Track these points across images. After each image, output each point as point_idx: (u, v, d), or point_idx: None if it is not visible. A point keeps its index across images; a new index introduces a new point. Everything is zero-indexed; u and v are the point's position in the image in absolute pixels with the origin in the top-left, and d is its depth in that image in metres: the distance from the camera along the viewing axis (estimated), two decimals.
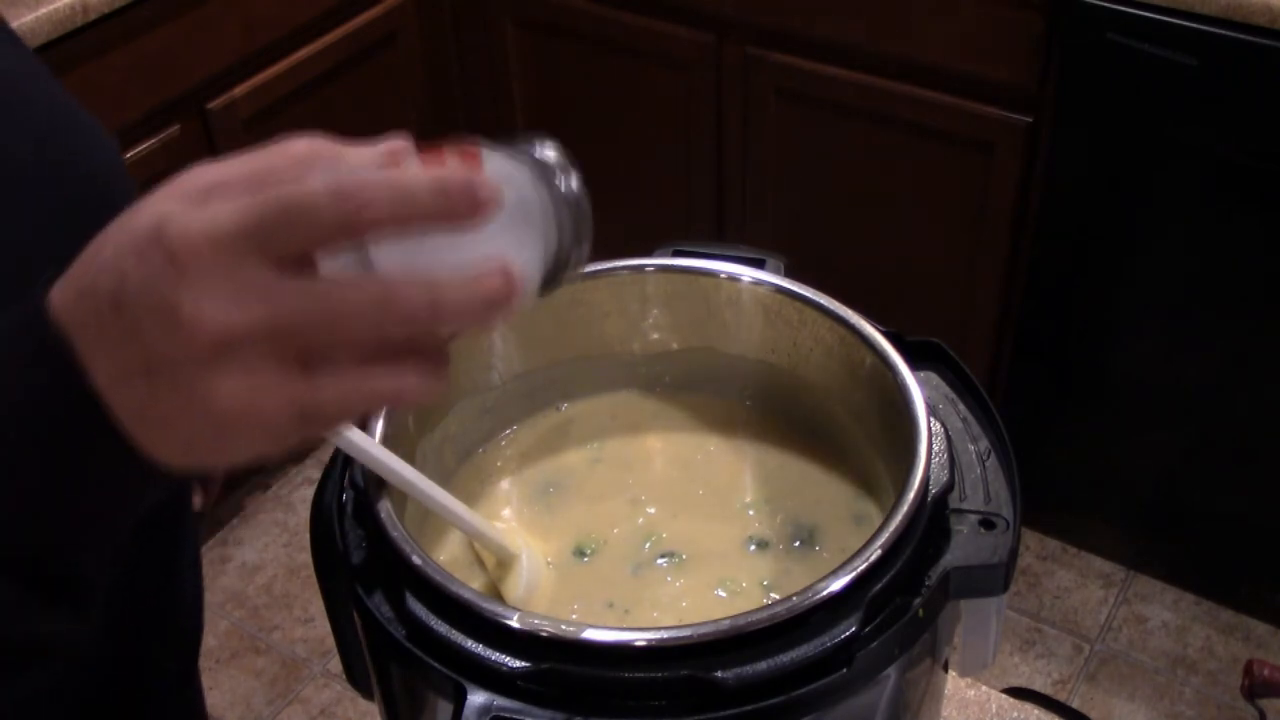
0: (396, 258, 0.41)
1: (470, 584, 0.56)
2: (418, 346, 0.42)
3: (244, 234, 0.38)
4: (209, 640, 2.04)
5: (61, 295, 0.41)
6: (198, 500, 0.76)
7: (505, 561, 0.65)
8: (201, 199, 0.39)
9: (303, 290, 0.39)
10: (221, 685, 1.98)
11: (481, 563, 0.67)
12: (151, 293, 0.39)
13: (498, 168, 0.43)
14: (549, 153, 0.45)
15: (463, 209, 0.40)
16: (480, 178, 0.40)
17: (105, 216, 0.41)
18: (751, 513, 0.70)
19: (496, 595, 0.64)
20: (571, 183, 0.45)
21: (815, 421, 0.73)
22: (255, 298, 0.38)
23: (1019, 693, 1.45)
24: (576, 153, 0.45)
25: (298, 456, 2.36)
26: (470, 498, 0.70)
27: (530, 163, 0.44)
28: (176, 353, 0.39)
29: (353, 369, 0.41)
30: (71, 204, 0.51)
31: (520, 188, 0.43)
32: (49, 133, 0.62)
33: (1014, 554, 0.59)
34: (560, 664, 0.52)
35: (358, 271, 0.41)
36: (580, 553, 0.67)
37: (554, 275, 0.45)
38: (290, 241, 0.39)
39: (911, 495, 0.58)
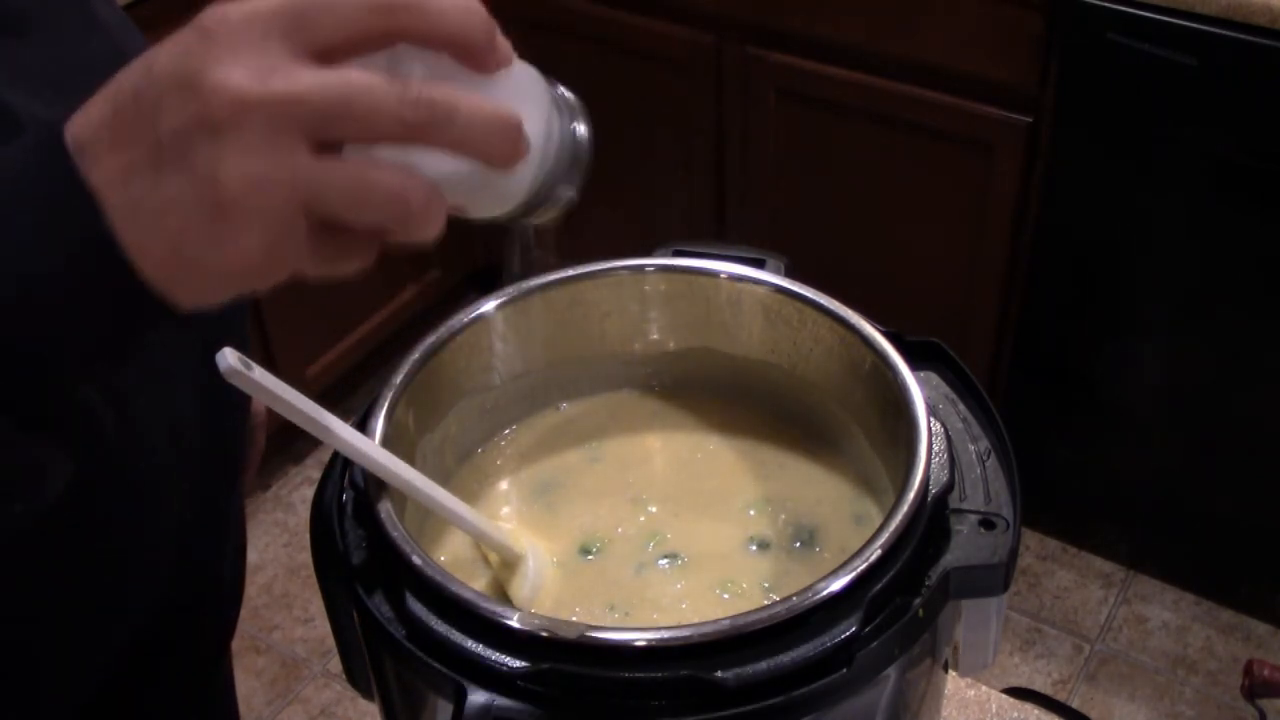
0: (419, 74, 0.42)
1: (474, 583, 0.56)
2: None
3: (278, 16, 0.40)
4: None
5: (78, 114, 0.41)
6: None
7: (511, 562, 0.65)
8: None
9: (325, 73, 0.40)
10: None
11: (487, 561, 0.67)
12: (177, 67, 0.40)
13: (524, 76, 0.45)
14: (569, 94, 0.47)
15: (489, 60, 0.43)
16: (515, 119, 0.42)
17: None
18: (752, 513, 0.70)
19: (501, 594, 0.64)
20: (582, 126, 0.47)
21: (815, 421, 0.73)
22: (279, 73, 0.39)
23: (1019, 693, 1.45)
24: None
25: (298, 456, 2.36)
26: (470, 498, 0.70)
27: (554, 92, 0.46)
28: (190, 124, 0.39)
29: (363, 160, 0.41)
30: None
31: (540, 104, 0.45)
32: None
33: (1014, 554, 0.59)
34: (560, 664, 0.52)
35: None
36: (586, 551, 0.68)
37: (535, 200, 0.46)
38: (322, 30, 0.40)
39: (911, 495, 0.58)
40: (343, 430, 0.57)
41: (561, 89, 0.47)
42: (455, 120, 0.41)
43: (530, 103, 0.45)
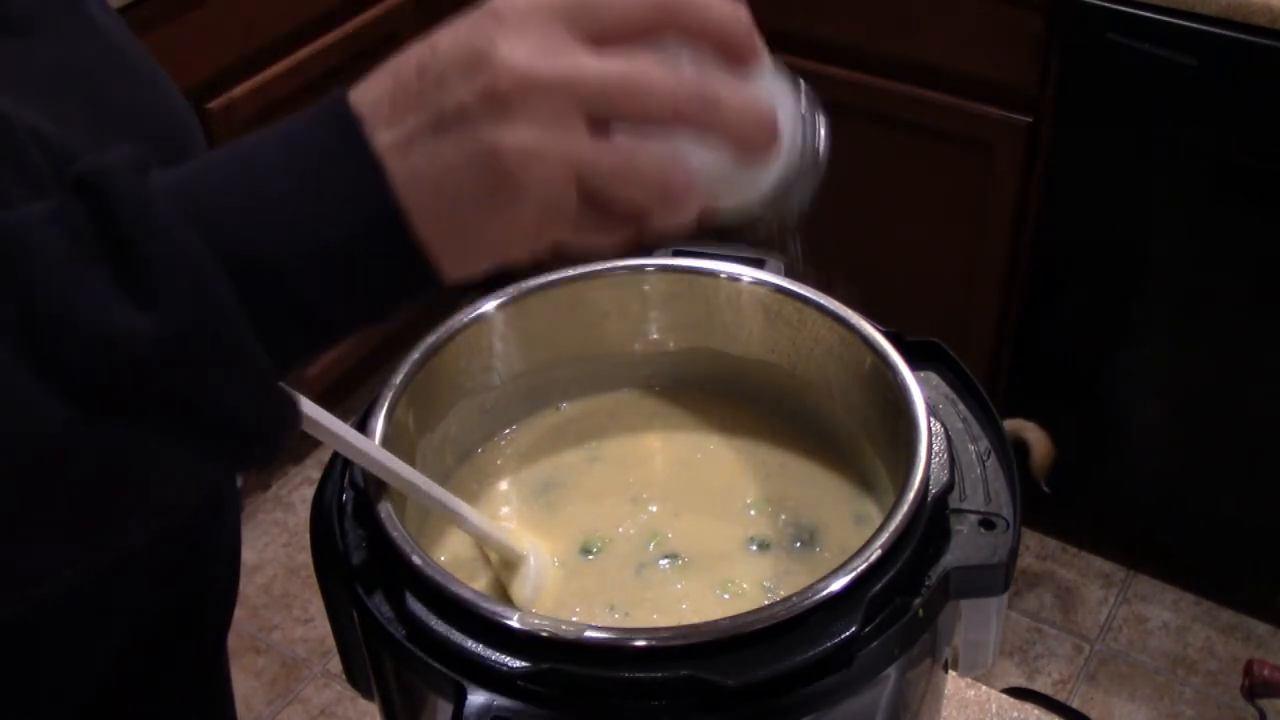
0: (686, 65, 0.45)
1: (474, 583, 0.56)
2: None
3: (565, 4, 0.43)
4: None
5: (357, 88, 0.44)
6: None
7: (512, 562, 0.65)
8: None
9: (607, 57, 0.43)
10: None
11: (488, 561, 0.67)
12: (465, 43, 0.42)
13: (775, 77, 0.48)
14: (809, 97, 0.50)
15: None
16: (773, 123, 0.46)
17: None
18: (752, 513, 0.70)
19: (501, 594, 0.64)
20: (823, 132, 0.50)
21: (815, 421, 0.73)
22: (564, 55, 0.42)
23: (1019, 693, 1.45)
24: None
25: (298, 456, 2.36)
26: (470, 498, 0.70)
27: (799, 95, 0.49)
28: (476, 97, 0.41)
29: (633, 140, 0.43)
30: (162, 156, 0.52)
31: (787, 106, 0.48)
32: (141, 84, 0.64)
33: (1014, 554, 0.59)
34: (560, 664, 0.52)
35: None
36: (587, 550, 0.67)
37: (774, 199, 0.49)
38: (602, 19, 0.43)
39: (911, 495, 0.58)
40: (343, 430, 0.57)
41: (807, 94, 0.49)
42: (721, 108, 0.44)
43: (780, 103, 0.47)
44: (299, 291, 0.42)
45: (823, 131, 0.50)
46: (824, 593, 0.53)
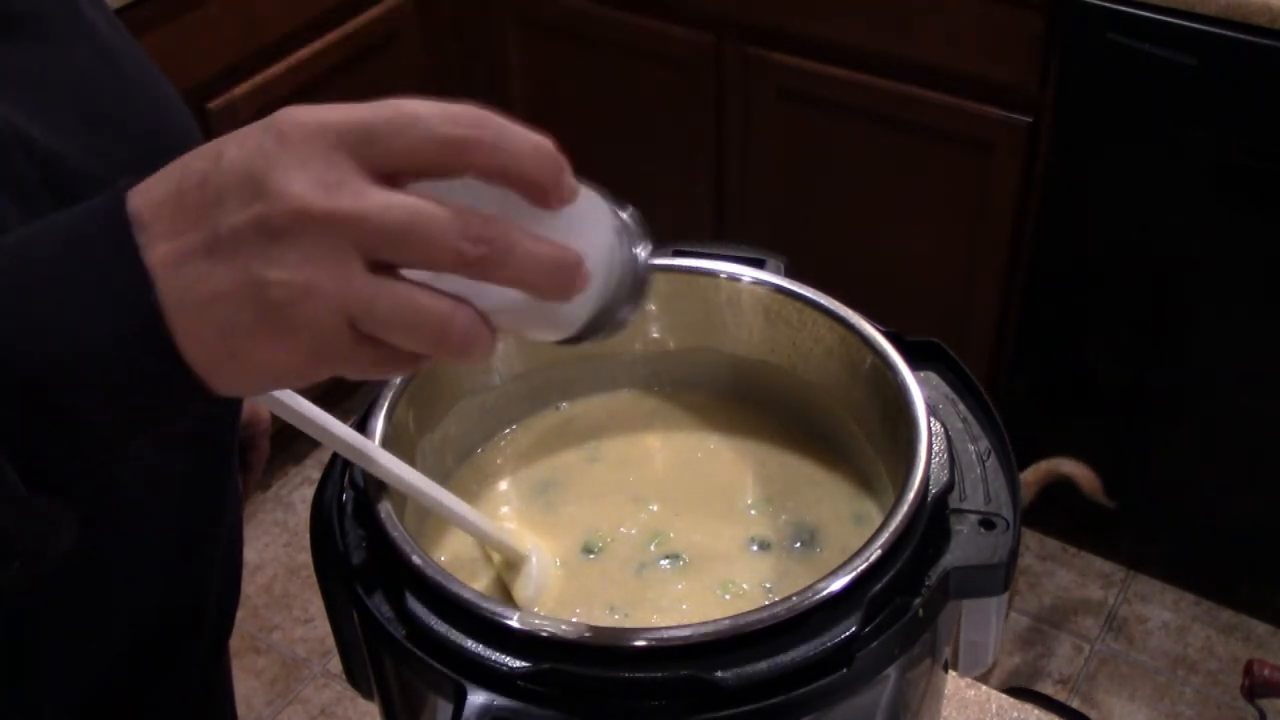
0: (484, 205, 0.42)
1: (474, 583, 0.56)
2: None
3: (351, 130, 0.40)
4: None
5: (141, 186, 0.42)
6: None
7: (514, 562, 0.65)
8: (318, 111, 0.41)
9: (389, 197, 0.40)
10: None
11: (490, 561, 0.67)
12: (246, 163, 0.40)
13: (589, 205, 0.45)
14: (631, 218, 0.46)
15: (554, 198, 0.42)
16: (579, 261, 0.43)
17: None
18: (753, 512, 0.70)
19: (502, 594, 0.65)
20: (643, 251, 0.46)
21: (815, 421, 0.73)
22: (344, 189, 0.39)
23: (1019, 693, 1.46)
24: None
25: (298, 456, 2.36)
26: (469, 498, 0.70)
27: (616, 218, 0.46)
28: (250, 224, 0.39)
29: (413, 285, 0.41)
30: (154, 158, 0.53)
31: (602, 233, 0.45)
32: (136, 86, 0.63)
33: (1014, 554, 0.59)
34: (560, 664, 0.52)
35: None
36: (589, 550, 0.67)
37: (594, 325, 0.46)
38: (391, 152, 0.40)
39: (911, 495, 0.58)
40: (342, 430, 0.57)
41: (625, 214, 0.46)
42: (512, 258, 0.41)
43: (593, 235, 0.45)
44: (57, 402, 0.40)
45: (643, 254, 0.46)
46: (824, 593, 0.53)
